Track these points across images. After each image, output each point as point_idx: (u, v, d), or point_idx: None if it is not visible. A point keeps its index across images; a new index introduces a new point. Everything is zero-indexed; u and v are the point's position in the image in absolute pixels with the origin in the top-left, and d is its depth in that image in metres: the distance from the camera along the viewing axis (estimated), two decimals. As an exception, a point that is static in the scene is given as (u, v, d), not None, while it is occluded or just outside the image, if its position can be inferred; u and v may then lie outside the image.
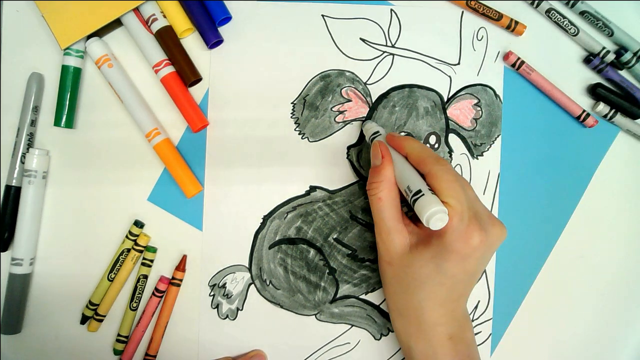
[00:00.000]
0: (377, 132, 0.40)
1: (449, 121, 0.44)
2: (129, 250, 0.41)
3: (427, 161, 0.35)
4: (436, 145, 0.43)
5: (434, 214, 0.31)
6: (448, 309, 0.35)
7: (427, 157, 0.35)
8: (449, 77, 0.44)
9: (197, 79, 0.42)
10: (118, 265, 0.41)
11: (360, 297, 0.43)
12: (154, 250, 0.42)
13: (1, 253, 0.41)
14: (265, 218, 0.43)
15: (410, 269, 0.35)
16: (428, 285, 0.34)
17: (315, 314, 0.43)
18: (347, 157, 0.43)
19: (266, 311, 0.43)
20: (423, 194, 0.32)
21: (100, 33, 0.41)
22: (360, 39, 0.43)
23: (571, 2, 0.44)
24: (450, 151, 0.44)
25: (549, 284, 0.44)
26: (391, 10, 0.44)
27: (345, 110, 0.43)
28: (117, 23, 0.41)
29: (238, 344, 0.43)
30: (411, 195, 0.33)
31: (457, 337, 0.35)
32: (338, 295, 0.43)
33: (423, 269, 0.34)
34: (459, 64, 0.44)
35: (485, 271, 0.44)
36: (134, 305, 0.42)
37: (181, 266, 0.42)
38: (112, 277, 0.41)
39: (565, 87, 0.44)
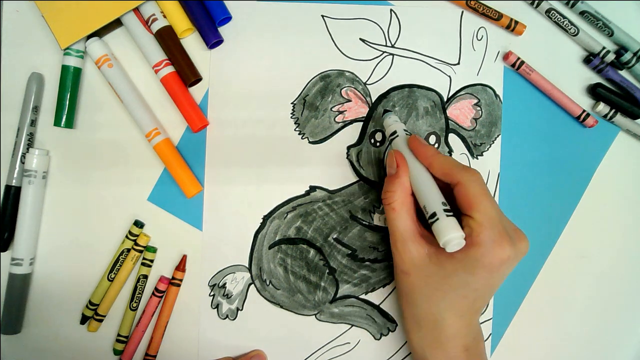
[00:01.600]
0: (395, 132, 0.38)
1: (449, 121, 0.44)
2: (129, 250, 0.41)
3: (454, 172, 0.33)
4: (436, 145, 0.43)
5: (450, 241, 0.31)
6: (467, 321, 0.35)
7: (454, 167, 0.34)
8: (449, 77, 0.44)
9: (197, 79, 0.42)
10: (118, 265, 0.41)
11: (360, 297, 0.43)
12: (154, 250, 0.42)
13: (1, 253, 0.41)
14: (265, 218, 0.43)
15: (432, 279, 0.34)
16: (450, 297, 0.34)
17: (315, 314, 0.43)
18: (347, 157, 0.43)
19: (266, 311, 0.43)
20: (438, 218, 0.32)
21: (100, 33, 0.41)
22: (360, 39, 0.43)
23: (571, 2, 0.44)
24: (450, 151, 0.44)
25: (549, 284, 0.44)
26: (391, 10, 0.44)
27: (345, 111, 0.43)
28: (117, 23, 0.41)
29: (238, 344, 0.43)
30: (428, 217, 0.33)
31: (472, 349, 0.35)
32: (338, 295, 0.43)
33: (447, 279, 0.33)
34: (458, 63, 0.44)
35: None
36: (134, 305, 0.42)
37: (181, 266, 0.42)
38: (112, 277, 0.41)
39: (565, 87, 0.44)
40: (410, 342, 0.38)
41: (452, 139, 0.44)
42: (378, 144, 0.43)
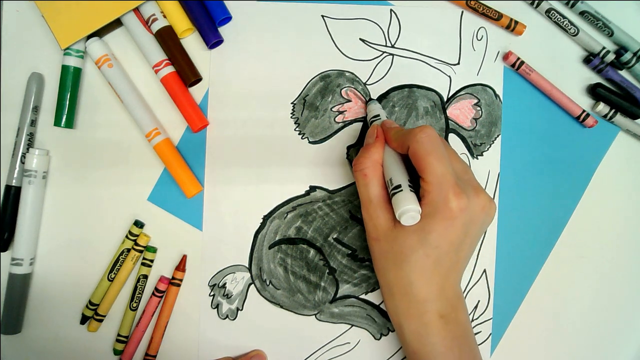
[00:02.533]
0: (378, 115, 0.40)
1: (449, 121, 0.44)
2: (129, 250, 0.41)
3: (404, 139, 0.35)
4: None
5: (406, 212, 0.32)
6: (437, 285, 0.35)
7: (404, 134, 0.35)
8: (449, 77, 0.44)
9: (197, 79, 0.42)
10: (118, 265, 0.41)
11: (360, 297, 0.43)
12: (154, 250, 0.42)
13: (1, 253, 0.41)
14: (265, 218, 0.43)
15: (396, 242, 0.35)
16: (414, 258, 0.34)
17: (315, 314, 0.43)
18: (347, 157, 0.43)
19: (266, 311, 0.43)
20: (401, 190, 0.33)
21: (100, 33, 0.41)
22: (360, 39, 0.43)
23: (571, 2, 0.44)
24: (450, 151, 0.44)
25: (549, 284, 0.44)
26: (391, 10, 0.44)
27: (345, 111, 0.43)
28: (117, 23, 0.41)
29: (238, 344, 0.43)
30: (391, 189, 0.34)
31: (449, 317, 0.35)
32: (338, 295, 0.43)
33: (407, 241, 0.34)
34: (458, 63, 0.44)
35: (485, 271, 0.44)
36: (134, 305, 0.42)
37: (181, 266, 0.42)
38: (112, 277, 0.41)
39: (565, 87, 0.44)
40: (388, 312, 0.38)
41: (452, 139, 0.44)
42: (378, 144, 0.43)
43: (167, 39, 0.41)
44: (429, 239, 0.33)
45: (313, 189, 0.43)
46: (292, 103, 0.43)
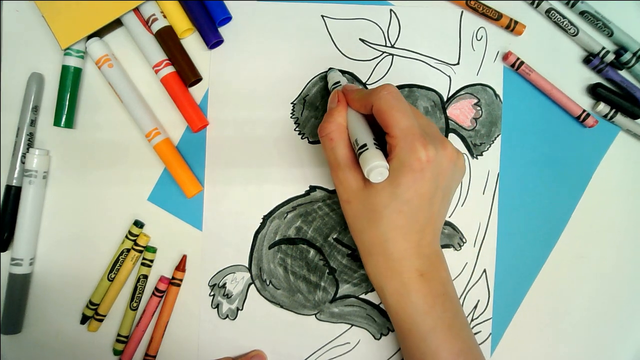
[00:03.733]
0: (339, 82, 0.40)
1: (449, 121, 0.44)
2: (128, 250, 0.41)
3: (367, 98, 0.35)
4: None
5: (373, 168, 0.32)
6: (413, 242, 0.34)
7: (366, 94, 0.35)
8: (449, 76, 0.44)
9: (197, 79, 0.42)
10: (118, 265, 0.41)
11: (360, 296, 0.43)
12: (153, 250, 0.42)
13: (1, 253, 0.41)
14: (265, 218, 0.43)
15: (368, 201, 0.35)
16: (387, 214, 0.34)
17: (315, 314, 0.43)
18: (347, 157, 0.43)
19: (266, 311, 0.43)
20: (367, 149, 0.33)
21: (100, 33, 0.41)
22: (360, 39, 0.43)
23: (571, 2, 0.44)
24: (450, 151, 0.44)
25: (549, 283, 0.44)
26: (390, 10, 0.44)
27: (345, 110, 0.43)
28: (117, 23, 0.41)
29: (238, 344, 0.43)
30: (357, 149, 0.34)
31: (429, 275, 0.35)
32: (338, 295, 0.43)
33: (378, 198, 0.34)
34: (458, 63, 0.44)
35: (485, 271, 0.44)
36: (134, 305, 0.42)
37: (181, 266, 0.42)
38: (112, 277, 0.41)
39: (565, 87, 0.44)
40: (368, 275, 0.37)
41: (452, 138, 0.44)
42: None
43: (167, 39, 0.41)
44: (399, 193, 0.33)
45: (313, 189, 0.43)
46: (292, 103, 0.43)
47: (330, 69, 0.43)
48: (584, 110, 0.44)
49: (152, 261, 0.42)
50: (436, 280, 0.35)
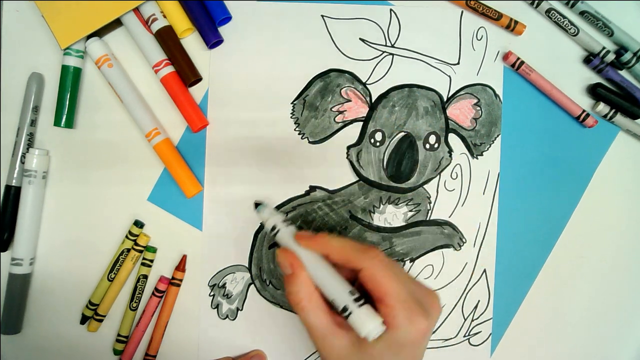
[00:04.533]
0: (275, 227, 0.35)
1: (449, 121, 0.44)
2: (128, 250, 0.41)
3: (353, 258, 0.32)
4: (436, 145, 0.43)
5: (371, 332, 0.30)
6: None
7: (352, 252, 0.33)
8: (449, 76, 0.44)
9: (197, 79, 0.42)
10: (118, 265, 0.41)
11: (360, 297, 0.43)
12: (153, 250, 0.42)
13: (1, 253, 0.41)
14: (265, 218, 0.43)
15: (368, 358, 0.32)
16: None
17: (315, 314, 0.43)
18: (347, 157, 0.43)
19: (266, 311, 0.43)
20: (351, 312, 0.31)
21: (100, 33, 0.41)
22: (360, 39, 0.43)
23: (571, 2, 0.44)
24: (450, 151, 0.44)
25: (549, 284, 0.44)
26: (391, 10, 0.44)
27: (345, 111, 0.43)
28: (117, 23, 0.41)
29: (238, 344, 0.43)
30: (340, 311, 0.32)
31: None
32: (338, 295, 0.43)
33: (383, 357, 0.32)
34: (458, 63, 0.44)
35: (485, 271, 0.44)
36: (134, 305, 0.42)
37: (181, 266, 0.42)
38: (112, 277, 0.41)
39: (565, 87, 0.44)
40: None
41: (452, 138, 0.44)
42: (378, 143, 0.43)
43: (167, 38, 0.41)
44: None
45: (313, 189, 0.43)
46: (292, 103, 0.43)
47: (257, 205, 0.37)
48: (584, 111, 0.44)
49: (152, 261, 0.42)
50: None
